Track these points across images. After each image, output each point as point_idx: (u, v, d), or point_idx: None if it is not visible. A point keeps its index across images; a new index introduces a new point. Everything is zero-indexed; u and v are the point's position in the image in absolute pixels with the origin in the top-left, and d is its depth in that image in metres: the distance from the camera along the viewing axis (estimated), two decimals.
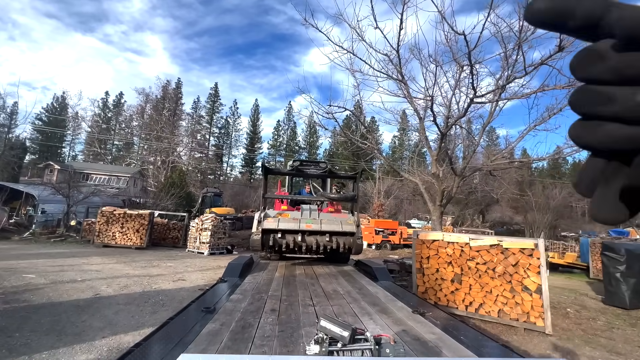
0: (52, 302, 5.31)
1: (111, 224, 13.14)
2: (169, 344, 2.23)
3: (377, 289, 4.46)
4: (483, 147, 17.43)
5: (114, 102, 54.93)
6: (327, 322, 1.82)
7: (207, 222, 12.86)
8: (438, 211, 8.05)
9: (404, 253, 15.59)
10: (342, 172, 7.22)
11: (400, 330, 2.71)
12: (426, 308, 3.57)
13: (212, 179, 48.01)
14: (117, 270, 8.39)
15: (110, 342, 3.93)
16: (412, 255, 6.40)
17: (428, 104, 7.49)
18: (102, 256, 10.52)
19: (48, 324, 4.37)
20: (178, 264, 9.95)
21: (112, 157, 48.55)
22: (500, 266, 5.07)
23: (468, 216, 34.17)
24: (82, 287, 6.35)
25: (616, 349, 4.46)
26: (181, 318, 2.84)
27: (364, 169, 6.44)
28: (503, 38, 6.25)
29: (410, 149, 36.99)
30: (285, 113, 59.17)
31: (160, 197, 21.82)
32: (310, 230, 5.45)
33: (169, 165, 36.35)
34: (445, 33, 6.50)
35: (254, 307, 3.30)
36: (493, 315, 5.11)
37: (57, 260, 9.26)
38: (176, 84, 52.68)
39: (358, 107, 9.95)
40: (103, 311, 5.03)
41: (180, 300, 5.87)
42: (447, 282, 5.59)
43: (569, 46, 5.38)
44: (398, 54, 7.16)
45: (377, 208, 27.93)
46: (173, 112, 48.60)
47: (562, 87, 6.09)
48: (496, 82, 7.06)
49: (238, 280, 4.80)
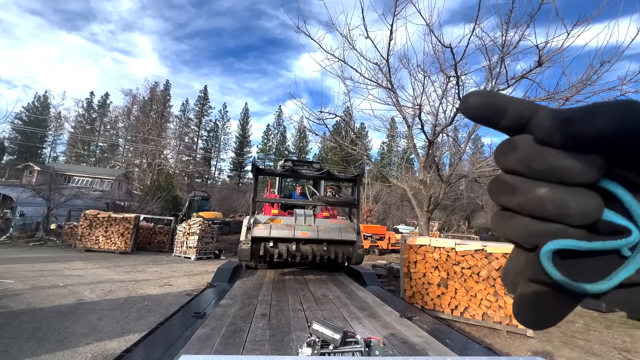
0: (33, 308, 5.14)
1: (94, 228, 12.78)
2: (159, 349, 2.23)
3: (366, 293, 4.53)
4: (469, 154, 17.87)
5: (100, 102, 53.66)
6: (319, 325, 1.87)
7: (195, 227, 12.69)
8: (425, 217, 8.23)
9: (392, 258, 15.75)
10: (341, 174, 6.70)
11: (389, 334, 2.79)
12: (413, 312, 3.66)
13: (199, 182, 47.30)
14: (100, 275, 8.17)
15: (95, 348, 3.84)
16: (399, 260, 6.49)
17: (416, 112, 7.69)
18: (85, 261, 10.22)
19: (29, 330, 4.23)
20: (164, 269, 9.76)
21: (96, 159, 47.26)
22: (485, 270, 5.24)
23: (454, 222, 34.84)
24: (64, 293, 6.16)
25: (592, 350, 4.66)
26: (171, 323, 2.83)
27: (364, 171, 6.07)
28: (487, 51, 6.54)
29: (399, 155, 37.56)
30: (276, 117, 59.24)
31: (146, 200, 21.39)
32: (306, 238, 4.91)
33: (156, 168, 35.67)
34: (432, 45, 6.75)
35: (245, 312, 3.31)
36: (477, 319, 5.26)
37: (36, 265, 8.94)
38: (165, 85, 52.02)
39: (348, 114, 10.10)
40: (87, 317, 4.91)
41: (167, 305, 5.78)
42: (433, 287, 5.71)
43: (547, 61, 5.67)
44: (388, 63, 7.35)
45: (366, 213, 28.14)
46: (161, 114, 47.87)
47: (541, 100, 6.38)
48: None
49: (227, 285, 4.78)
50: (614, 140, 0.19)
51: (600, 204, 0.20)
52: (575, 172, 0.20)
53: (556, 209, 0.21)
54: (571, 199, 0.21)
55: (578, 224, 0.21)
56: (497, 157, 0.24)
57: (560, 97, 6.19)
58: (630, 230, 0.20)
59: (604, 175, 0.21)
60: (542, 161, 0.21)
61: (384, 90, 8.02)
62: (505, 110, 0.23)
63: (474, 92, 0.24)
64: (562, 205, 0.21)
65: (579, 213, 0.20)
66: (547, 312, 0.23)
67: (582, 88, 5.94)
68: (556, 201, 0.21)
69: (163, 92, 51.10)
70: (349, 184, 6.41)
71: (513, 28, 5.92)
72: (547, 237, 0.22)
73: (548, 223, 0.21)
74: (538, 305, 0.23)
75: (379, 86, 7.89)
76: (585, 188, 0.21)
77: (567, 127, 0.20)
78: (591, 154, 0.20)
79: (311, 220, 5.24)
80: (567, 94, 6.10)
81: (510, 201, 0.23)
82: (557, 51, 5.68)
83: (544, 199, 0.21)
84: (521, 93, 6.94)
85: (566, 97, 6.12)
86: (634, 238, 0.20)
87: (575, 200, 0.20)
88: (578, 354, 4.47)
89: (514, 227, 0.23)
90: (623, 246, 0.20)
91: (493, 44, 6.35)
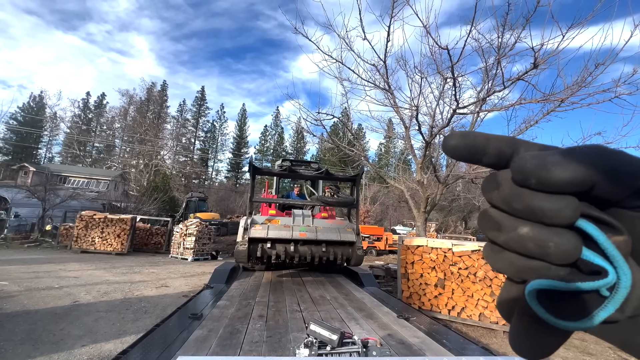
0: (27, 310, 5.09)
1: (90, 229, 12.69)
2: (156, 351, 2.22)
3: (364, 294, 4.54)
4: None
5: (96, 103, 53.37)
6: (317, 326, 1.88)
7: (192, 228, 12.63)
8: (422, 217, 8.25)
9: (389, 259, 15.78)
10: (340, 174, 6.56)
11: (386, 335, 2.79)
12: (411, 313, 3.67)
13: (196, 183, 47.14)
14: (96, 276, 8.11)
15: (91, 350, 3.81)
16: (397, 260, 6.50)
17: (413, 114, 7.73)
18: (81, 262, 10.13)
19: (23, 332, 4.19)
20: (161, 270, 9.71)
21: (92, 160, 46.93)
22: (481, 271, 5.26)
23: (451, 223, 34.96)
24: (59, 294, 6.11)
25: (588, 350, 4.69)
26: (168, 324, 2.82)
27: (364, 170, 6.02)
28: (484, 52, 6.59)
29: (396, 156, 37.70)
30: (273, 118, 59.26)
31: (142, 201, 21.28)
32: (304, 239, 4.80)
33: (152, 168, 35.51)
34: (430, 46, 6.77)
35: (242, 313, 3.31)
36: (474, 319, 5.27)
37: (31, 266, 8.86)
38: (162, 86, 51.87)
39: (346, 115, 10.11)
40: (82, 319, 4.87)
41: (164, 307, 5.74)
42: (430, 287, 5.73)
43: (542, 63, 5.72)
44: (385, 65, 7.38)
45: (363, 214, 28.18)
46: (158, 114, 47.69)
47: (537, 101, 6.44)
48: (477, 94, 7.39)
49: (224, 286, 4.77)
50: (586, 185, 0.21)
51: (578, 245, 0.21)
52: (551, 214, 0.21)
53: (537, 249, 0.21)
54: (549, 239, 0.21)
55: (558, 263, 0.22)
56: (483, 192, 0.25)
57: (556, 98, 6.24)
58: (607, 271, 0.21)
59: (581, 216, 0.21)
60: (520, 202, 0.22)
61: (381, 91, 8.04)
62: (485, 149, 0.24)
63: (453, 134, 0.25)
64: (543, 245, 0.21)
65: (558, 253, 0.21)
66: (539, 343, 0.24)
67: (577, 90, 5.99)
68: (537, 241, 0.21)
69: (160, 92, 50.92)
70: (347, 184, 6.36)
71: (509, 30, 5.96)
72: (533, 273, 0.22)
73: (533, 260, 0.22)
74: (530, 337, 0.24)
75: (377, 87, 7.92)
76: (565, 228, 0.21)
77: (541, 172, 0.21)
78: (567, 195, 0.21)
79: (309, 220, 5.15)
80: (562, 95, 6.16)
81: (497, 237, 0.23)
82: (553, 53, 5.73)
83: (526, 239, 0.22)
84: (517, 94, 6.99)
85: (561, 98, 6.17)
86: (611, 279, 0.21)
87: (553, 240, 0.21)
88: (574, 354, 4.50)
89: (502, 262, 0.23)
90: (601, 287, 0.21)
91: (489, 45, 6.41)
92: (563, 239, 0.21)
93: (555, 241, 0.21)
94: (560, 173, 0.20)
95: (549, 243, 0.21)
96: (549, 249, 0.21)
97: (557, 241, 0.21)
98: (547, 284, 0.22)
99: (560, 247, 0.21)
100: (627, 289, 0.21)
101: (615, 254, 0.21)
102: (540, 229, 0.21)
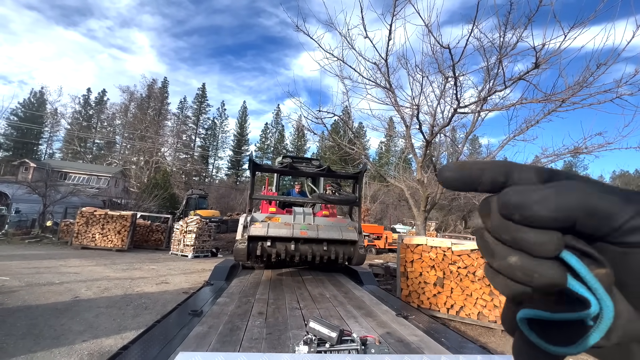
0: (28, 305, 5.12)
1: (91, 225, 12.72)
2: (156, 347, 2.24)
3: (363, 292, 4.56)
4: (466, 155, 17.98)
5: (97, 99, 53.38)
6: (316, 323, 1.89)
7: (192, 225, 12.66)
8: (422, 216, 8.26)
9: (389, 257, 15.81)
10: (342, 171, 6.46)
11: (385, 333, 2.81)
12: (409, 311, 3.69)
13: (197, 180, 47.17)
14: (97, 272, 8.14)
15: (91, 345, 3.84)
16: (396, 259, 6.52)
17: (414, 113, 7.72)
18: (81, 258, 10.17)
19: (24, 327, 4.22)
20: (161, 267, 9.74)
21: (93, 156, 46.96)
22: (480, 270, 5.27)
23: (451, 222, 34.97)
24: (60, 290, 6.14)
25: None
26: (168, 321, 2.84)
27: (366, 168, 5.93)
28: (485, 52, 6.57)
29: (397, 155, 37.67)
30: (274, 116, 59.21)
31: (142, 198, 21.31)
32: (305, 237, 4.70)
33: (153, 165, 35.53)
34: (431, 45, 6.76)
35: (242, 310, 3.32)
36: (473, 318, 5.30)
37: (32, 262, 8.90)
38: (162, 83, 51.81)
39: (346, 113, 10.10)
40: (83, 314, 4.90)
41: (164, 303, 5.77)
42: (429, 286, 5.75)
43: (544, 63, 5.71)
44: (386, 63, 7.36)
45: (363, 213, 28.20)
46: (158, 111, 47.68)
47: (538, 101, 6.43)
48: (478, 93, 7.38)
49: (224, 283, 4.79)
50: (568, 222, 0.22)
51: (561, 276, 0.22)
52: (535, 247, 0.22)
53: (525, 277, 0.23)
54: (534, 269, 0.22)
55: (544, 292, 0.23)
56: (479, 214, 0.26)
57: (557, 98, 6.24)
58: (590, 302, 0.22)
59: (567, 247, 0.22)
60: (507, 234, 0.23)
61: (382, 90, 8.03)
62: (480, 179, 0.25)
63: (449, 165, 0.26)
64: (529, 275, 0.22)
65: (542, 284, 0.22)
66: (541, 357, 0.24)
67: (578, 90, 5.98)
68: (524, 270, 0.23)
69: (161, 89, 50.87)
70: (348, 182, 6.27)
71: (511, 29, 5.95)
72: (526, 297, 0.23)
73: (525, 286, 0.23)
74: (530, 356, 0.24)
75: (378, 86, 7.90)
76: (550, 259, 0.22)
77: (523, 209, 0.22)
78: (550, 230, 0.22)
79: (310, 218, 5.03)
80: (563, 95, 6.15)
81: (492, 263, 0.24)
82: (554, 53, 5.72)
83: (514, 268, 0.23)
84: (518, 94, 6.98)
85: (562, 98, 6.16)
86: (593, 310, 0.22)
87: (537, 271, 0.22)
88: None
89: (499, 284, 0.25)
90: (585, 317, 0.22)
91: (491, 45, 6.39)
92: (547, 270, 0.22)
93: (539, 272, 0.22)
94: (541, 211, 0.21)
95: (534, 274, 0.22)
96: (533, 280, 0.22)
97: (541, 272, 0.22)
98: (534, 313, 0.23)
99: (544, 277, 0.22)
100: (610, 319, 0.21)
101: (597, 287, 0.21)
102: (528, 259, 0.23)
